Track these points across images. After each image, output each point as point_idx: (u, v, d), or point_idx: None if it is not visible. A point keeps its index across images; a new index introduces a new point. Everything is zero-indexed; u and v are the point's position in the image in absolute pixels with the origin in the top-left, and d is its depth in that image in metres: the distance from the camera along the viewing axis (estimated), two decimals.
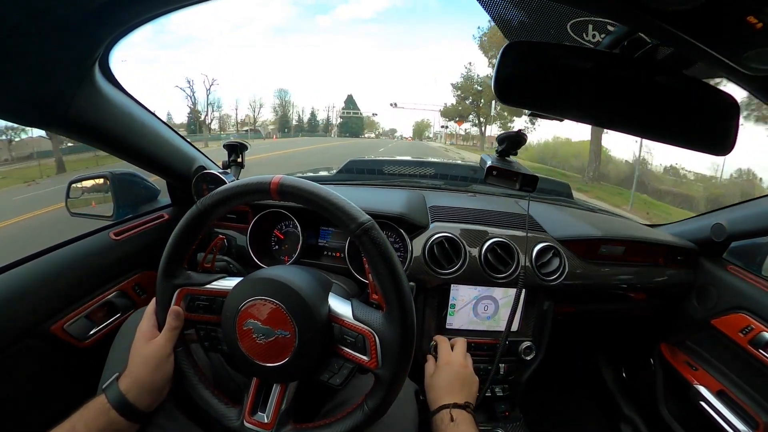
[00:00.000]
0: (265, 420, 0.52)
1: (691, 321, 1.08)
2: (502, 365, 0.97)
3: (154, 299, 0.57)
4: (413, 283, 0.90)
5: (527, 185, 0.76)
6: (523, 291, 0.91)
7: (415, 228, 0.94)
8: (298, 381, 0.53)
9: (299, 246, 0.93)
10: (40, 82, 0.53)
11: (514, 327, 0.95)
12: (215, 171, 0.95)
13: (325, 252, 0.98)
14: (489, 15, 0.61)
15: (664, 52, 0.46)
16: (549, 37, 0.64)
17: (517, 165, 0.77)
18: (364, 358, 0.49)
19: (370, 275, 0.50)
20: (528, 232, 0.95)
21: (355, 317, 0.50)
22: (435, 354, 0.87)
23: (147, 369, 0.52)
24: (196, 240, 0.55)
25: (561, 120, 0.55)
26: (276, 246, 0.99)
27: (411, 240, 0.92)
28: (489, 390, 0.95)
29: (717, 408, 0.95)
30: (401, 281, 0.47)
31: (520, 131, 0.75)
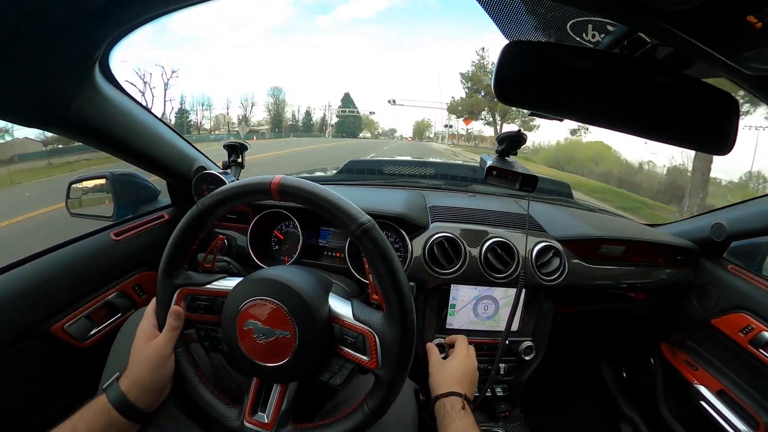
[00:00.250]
0: (265, 420, 0.52)
1: (692, 321, 1.08)
2: (502, 365, 0.97)
3: (154, 299, 0.57)
4: (413, 283, 0.90)
5: (527, 185, 0.76)
6: (523, 291, 0.91)
7: (415, 228, 0.95)
8: (298, 381, 0.53)
9: (299, 246, 0.93)
10: (40, 82, 0.53)
11: (514, 327, 0.95)
12: (215, 171, 0.95)
13: (325, 252, 0.98)
14: (488, 15, 0.61)
15: (664, 51, 0.46)
16: (549, 37, 0.64)
17: (517, 165, 0.77)
18: (364, 358, 0.49)
19: (370, 275, 0.50)
20: (528, 232, 0.95)
21: (356, 317, 0.50)
22: (440, 349, 0.87)
23: (147, 369, 0.52)
24: (196, 240, 0.55)
25: (561, 120, 0.55)
26: (276, 246, 0.99)
27: (411, 240, 0.92)
28: (489, 390, 0.95)
29: (717, 408, 0.95)
30: (401, 282, 0.47)
31: (519, 131, 0.75)
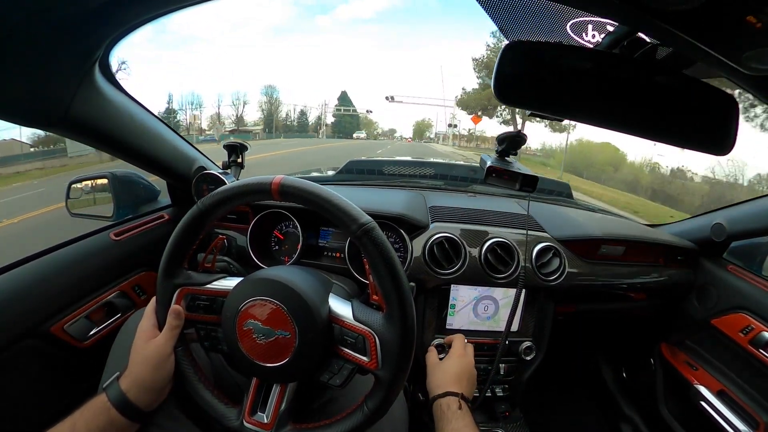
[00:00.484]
0: (265, 420, 0.52)
1: (692, 321, 1.08)
2: (502, 365, 0.97)
3: (153, 298, 0.57)
4: (413, 284, 0.90)
5: (527, 185, 0.76)
6: (523, 291, 0.91)
7: (415, 228, 0.94)
8: (297, 381, 0.53)
9: (299, 246, 0.93)
10: (40, 82, 0.53)
11: (514, 327, 0.95)
12: (215, 171, 0.95)
13: (326, 252, 0.98)
14: (488, 15, 0.61)
15: (663, 51, 0.46)
16: (549, 37, 0.64)
17: (517, 165, 0.77)
18: (364, 359, 0.49)
19: (370, 276, 0.50)
20: (528, 232, 0.95)
21: (356, 318, 0.50)
22: (440, 350, 0.87)
23: (147, 368, 0.52)
24: (196, 240, 0.55)
25: (561, 120, 0.55)
26: (276, 246, 0.99)
27: (411, 240, 0.92)
28: (489, 390, 0.95)
29: (717, 408, 0.95)
30: (402, 283, 0.47)
31: (519, 131, 0.75)
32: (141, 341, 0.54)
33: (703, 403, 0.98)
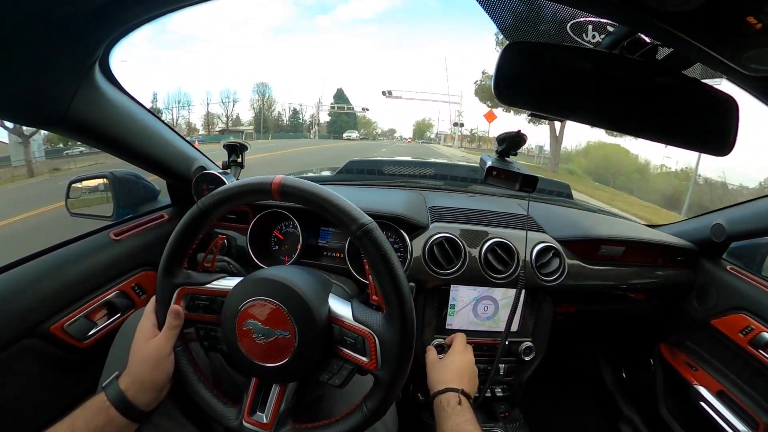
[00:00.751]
0: (264, 420, 0.52)
1: (691, 321, 1.08)
2: (502, 365, 0.97)
3: (153, 298, 0.57)
4: (413, 284, 0.90)
5: (527, 185, 0.76)
6: (523, 291, 0.91)
7: (415, 228, 0.94)
8: (297, 381, 0.53)
9: (299, 246, 0.93)
10: (40, 82, 0.53)
11: (513, 327, 0.95)
12: (215, 171, 0.95)
13: (325, 252, 0.97)
14: (488, 15, 0.61)
15: (663, 52, 0.46)
16: (549, 38, 0.64)
17: (517, 165, 0.77)
18: (363, 359, 0.49)
19: (370, 276, 0.50)
20: (528, 232, 0.95)
21: (355, 318, 0.50)
22: (439, 350, 0.87)
23: (147, 367, 0.52)
24: (196, 239, 0.55)
25: (561, 120, 0.55)
26: (276, 246, 0.99)
27: (411, 240, 0.92)
28: (489, 390, 0.95)
29: (717, 408, 0.95)
30: (402, 283, 0.47)
31: (519, 131, 0.75)
32: (140, 340, 0.54)
33: (703, 404, 0.98)
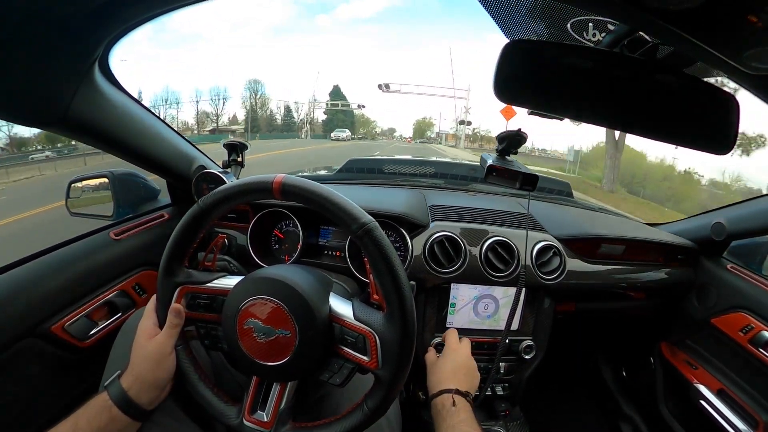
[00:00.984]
0: (265, 419, 0.52)
1: (691, 320, 1.08)
2: (502, 364, 0.97)
3: (154, 297, 0.57)
4: (413, 282, 0.90)
5: (527, 184, 0.76)
6: (523, 290, 0.91)
7: (416, 227, 0.95)
8: (297, 380, 0.53)
9: (299, 245, 0.93)
10: (40, 82, 0.53)
11: (514, 326, 0.95)
12: (215, 170, 0.95)
13: (326, 251, 0.98)
14: (489, 14, 0.61)
15: (664, 50, 0.46)
16: (549, 36, 0.64)
17: (518, 164, 0.77)
18: (364, 358, 0.49)
19: (371, 275, 0.50)
20: (528, 231, 0.95)
21: (356, 317, 0.51)
22: (439, 349, 0.87)
23: (148, 366, 0.52)
24: (197, 238, 0.55)
25: (561, 119, 0.55)
26: (276, 245, 0.99)
27: (411, 239, 0.92)
28: (489, 389, 0.95)
29: (717, 407, 0.95)
30: (402, 283, 0.47)
31: (519, 130, 0.75)
32: (142, 340, 0.54)
33: (703, 402, 0.98)
